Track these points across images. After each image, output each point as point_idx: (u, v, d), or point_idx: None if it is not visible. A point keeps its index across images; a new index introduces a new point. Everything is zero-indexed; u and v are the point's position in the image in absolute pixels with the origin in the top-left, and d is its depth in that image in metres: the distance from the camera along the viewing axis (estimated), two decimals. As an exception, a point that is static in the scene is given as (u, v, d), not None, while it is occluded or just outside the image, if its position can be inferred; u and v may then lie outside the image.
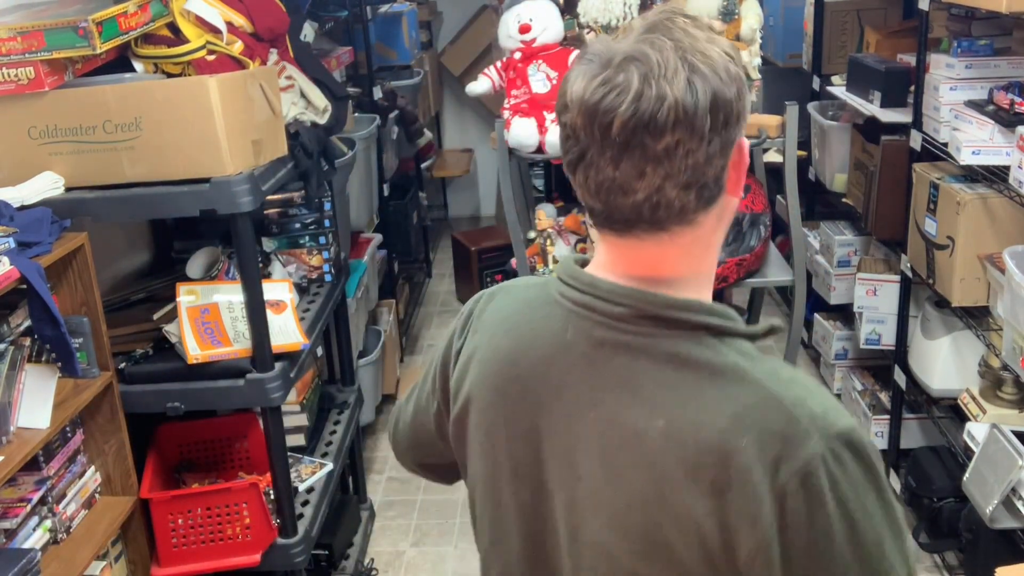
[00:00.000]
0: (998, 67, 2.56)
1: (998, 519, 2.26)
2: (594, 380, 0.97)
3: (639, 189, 0.90)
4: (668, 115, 0.86)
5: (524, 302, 1.07)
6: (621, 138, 0.88)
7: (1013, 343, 2.29)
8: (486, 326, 1.09)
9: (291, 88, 2.40)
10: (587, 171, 0.92)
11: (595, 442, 0.96)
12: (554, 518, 1.02)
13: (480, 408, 1.07)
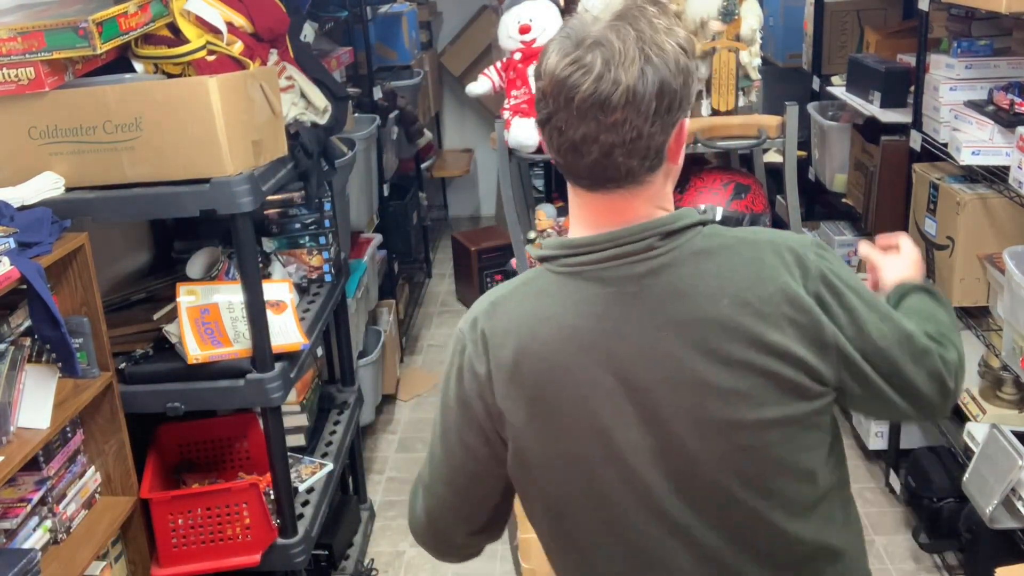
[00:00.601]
0: (998, 67, 2.56)
1: (998, 519, 2.26)
2: (653, 307, 1.11)
3: (592, 152, 1.08)
4: (620, 97, 1.05)
5: (532, 295, 1.16)
6: (580, 110, 1.06)
7: (1013, 343, 2.29)
8: (511, 334, 1.14)
9: (291, 88, 2.40)
10: (552, 131, 1.10)
11: (682, 343, 1.10)
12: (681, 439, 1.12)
13: (552, 406, 1.13)
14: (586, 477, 1.14)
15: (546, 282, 1.15)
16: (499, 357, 1.14)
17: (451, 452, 1.21)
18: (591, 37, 1.06)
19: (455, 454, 1.20)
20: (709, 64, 2.36)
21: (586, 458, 1.13)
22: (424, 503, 1.27)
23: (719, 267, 1.11)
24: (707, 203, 2.38)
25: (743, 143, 2.41)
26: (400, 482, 3.56)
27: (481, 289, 4.86)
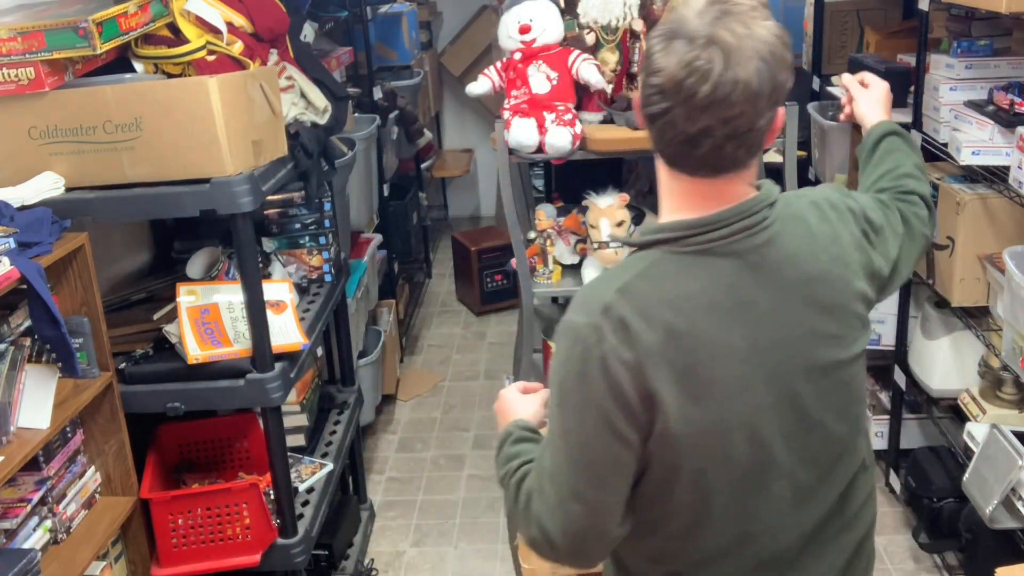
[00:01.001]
0: (998, 67, 2.55)
1: (998, 519, 2.26)
2: (773, 273, 1.22)
3: (705, 145, 1.15)
4: (739, 95, 1.12)
5: (667, 277, 1.20)
6: (699, 107, 1.12)
7: (1013, 343, 2.29)
8: (655, 316, 1.17)
9: (291, 88, 2.40)
10: (665, 126, 1.16)
11: (798, 301, 1.23)
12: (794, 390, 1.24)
13: (701, 380, 1.18)
14: (723, 443, 1.20)
15: (674, 263, 1.21)
16: (646, 340, 1.16)
17: (600, 449, 1.19)
18: (702, 35, 1.12)
19: (606, 449, 1.19)
20: None
21: (726, 425, 1.20)
22: (564, 518, 1.22)
23: (806, 230, 1.26)
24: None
25: (743, 143, 2.41)
26: (400, 482, 3.56)
27: (481, 289, 4.86)
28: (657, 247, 1.22)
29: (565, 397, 1.21)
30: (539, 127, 2.31)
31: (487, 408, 4.05)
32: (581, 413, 1.19)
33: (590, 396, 1.17)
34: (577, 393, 1.19)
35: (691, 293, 1.19)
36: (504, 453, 1.38)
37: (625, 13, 2.34)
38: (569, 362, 1.19)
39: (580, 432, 1.19)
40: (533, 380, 2.75)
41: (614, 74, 2.40)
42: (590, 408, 1.18)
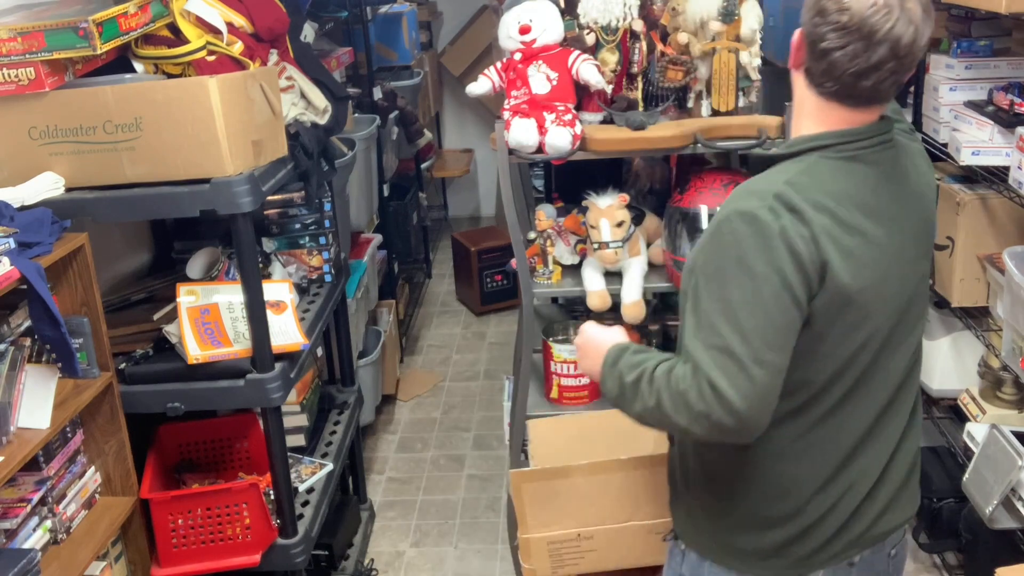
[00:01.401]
0: (998, 68, 2.56)
1: (998, 519, 2.26)
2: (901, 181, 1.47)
3: (871, 79, 1.36)
4: (912, 35, 1.32)
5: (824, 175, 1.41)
6: (878, 44, 1.32)
7: (1013, 343, 2.29)
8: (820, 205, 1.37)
9: (291, 89, 2.40)
10: (841, 58, 1.35)
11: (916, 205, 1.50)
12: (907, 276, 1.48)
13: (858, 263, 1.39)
14: (863, 315, 1.42)
15: (828, 166, 1.41)
16: (816, 221, 1.36)
17: (779, 314, 1.34)
18: None
19: (785, 314, 1.35)
20: (709, 65, 2.36)
21: (873, 299, 1.42)
22: (748, 384, 1.33)
23: (912, 158, 1.51)
24: (706, 203, 2.38)
25: (743, 143, 2.41)
26: (400, 482, 3.56)
27: (481, 289, 4.87)
28: (811, 153, 1.42)
29: (742, 271, 1.34)
30: (539, 127, 2.31)
31: (487, 408, 4.05)
32: (762, 283, 1.33)
33: (771, 266, 1.34)
34: (757, 265, 1.34)
35: (846, 191, 1.39)
36: (625, 363, 1.49)
37: (625, 13, 2.34)
38: (744, 239, 1.35)
39: (760, 301, 1.33)
40: (533, 380, 2.75)
41: (614, 74, 2.40)
42: (771, 277, 1.33)
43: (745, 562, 1.57)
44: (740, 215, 1.36)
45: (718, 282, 1.36)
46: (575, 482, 2.22)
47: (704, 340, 1.36)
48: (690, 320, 1.40)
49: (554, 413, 2.60)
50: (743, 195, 1.40)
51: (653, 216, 2.61)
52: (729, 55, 2.31)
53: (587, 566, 2.27)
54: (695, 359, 1.36)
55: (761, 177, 1.43)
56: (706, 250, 1.40)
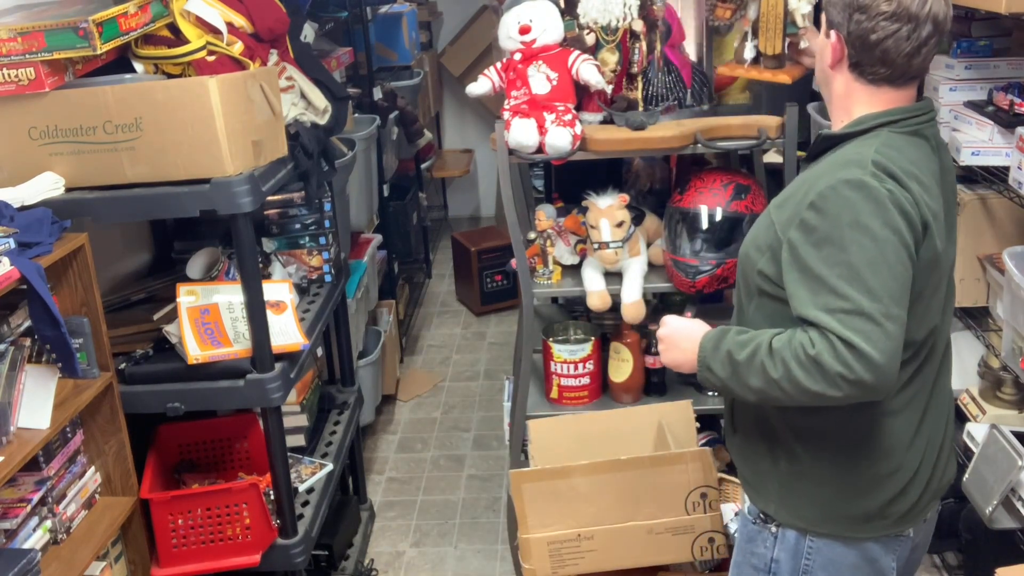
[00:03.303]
0: (998, 68, 2.55)
1: (998, 519, 2.26)
2: (943, 153, 1.61)
3: (922, 54, 1.49)
4: (948, 9, 1.48)
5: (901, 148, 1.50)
6: (923, 21, 1.45)
7: (1013, 343, 2.29)
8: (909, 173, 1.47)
9: (291, 89, 2.40)
10: (891, 46, 1.47)
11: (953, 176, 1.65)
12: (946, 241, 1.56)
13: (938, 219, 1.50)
14: (940, 272, 1.53)
15: (899, 140, 1.50)
16: (912, 186, 1.45)
17: (902, 271, 1.41)
18: None
19: (905, 271, 1.42)
20: (757, 6, 2.30)
21: (945, 259, 1.55)
22: (885, 339, 1.38)
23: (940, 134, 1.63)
24: (707, 203, 2.38)
25: (743, 143, 2.41)
26: (400, 482, 3.56)
27: (481, 289, 4.87)
28: (880, 128, 1.51)
29: (861, 232, 1.40)
30: (539, 127, 2.31)
31: (487, 408, 4.05)
32: (882, 243, 1.40)
33: (889, 226, 1.40)
34: (874, 226, 1.40)
35: (919, 161, 1.50)
36: (731, 343, 1.52)
37: (625, 13, 2.34)
38: (857, 203, 1.41)
39: (883, 259, 1.39)
40: (533, 380, 2.75)
41: (614, 74, 2.40)
42: (890, 237, 1.40)
43: (852, 527, 1.60)
44: (847, 183, 1.42)
45: (834, 247, 1.41)
46: (575, 482, 2.22)
47: (827, 304, 1.40)
48: (801, 291, 1.44)
49: (554, 413, 2.60)
50: (841, 166, 1.46)
51: (653, 216, 2.61)
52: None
53: (587, 566, 2.27)
54: (823, 323, 1.39)
55: (847, 151, 1.49)
56: (808, 221, 1.44)
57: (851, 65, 1.52)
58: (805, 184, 1.50)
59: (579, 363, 2.62)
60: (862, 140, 1.52)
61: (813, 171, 1.53)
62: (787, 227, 1.48)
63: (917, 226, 1.44)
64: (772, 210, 1.56)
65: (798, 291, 1.45)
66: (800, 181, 1.54)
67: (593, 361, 2.63)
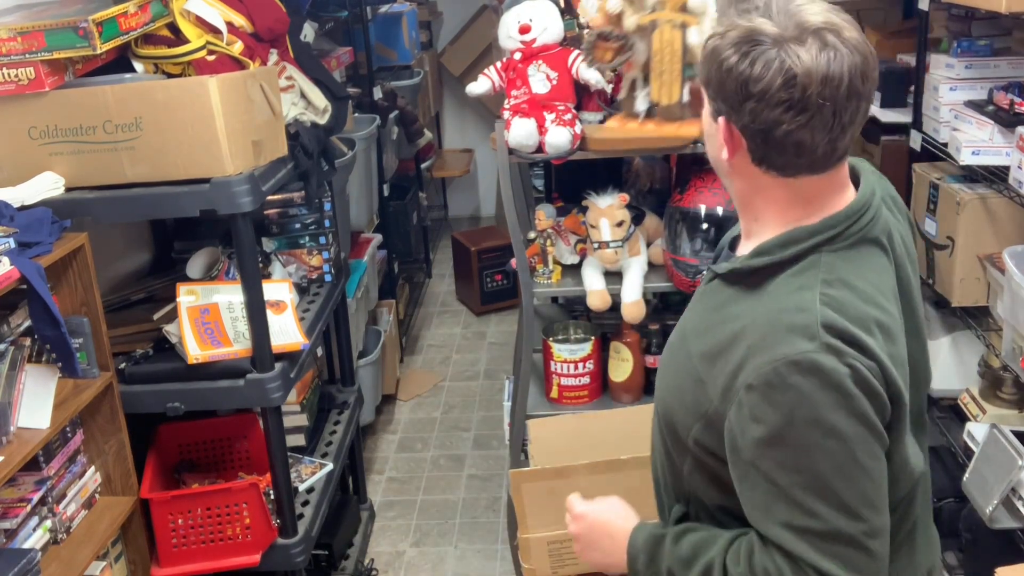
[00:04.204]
0: (998, 67, 2.55)
1: (998, 519, 2.26)
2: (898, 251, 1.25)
3: (849, 129, 1.13)
4: (863, 69, 1.10)
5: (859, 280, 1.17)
6: (845, 97, 1.09)
7: (1013, 343, 2.29)
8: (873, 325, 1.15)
9: (291, 88, 2.40)
10: (808, 138, 1.11)
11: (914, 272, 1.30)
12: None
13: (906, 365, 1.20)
14: (905, 413, 1.19)
15: (841, 260, 1.17)
16: (874, 345, 1.12)
17: (877, 469, 1.13)
18: (812, 22, 1.08)
19: (880, 466, 1.13)
20: (648, 43, 1.87)
21: (909, 396, 1.19)
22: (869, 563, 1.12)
23: (893, 215, 1.28)
24: (707, 203, 2.38)
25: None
26: (400, 482, 3.56)
27: (481, 289, 4.86)
28: (813, 253, 1.16)
29: (823, 434, 1.09)
30: (539, 127, 2.31)
31: (487, 408, 4.05)
32: (851, 443, 1.10)
33: (855, 418, 1.10)
34: (839, 423, 1.09)
35: (875, 285, 1.17)
36: (671, 557, 1.24)
37: (625, 13, 2.34)
38: (812, 396, 1.08)
39: (855, 464, 1.10)
40: (533, 380, 2.75)
41: (614, 74, 2.40)
42: (859, 431, 1.10)
43: None
44: (795, 367, 1.08)
45: (792, 452, 1.10)
46: (575, 482, 2.22)
47: (791, 521, 1.11)
48: (755, 496, 1.14)
49: (554, 413, 2.60)
50: (780, 336, 1.10)
51: (653, 216, 2.61)
52: (673, 31, 1.77)
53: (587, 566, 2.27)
54: (789, 548, 1.11)
55: (781, 301, 1.14)
56: (753, 410, 1.11)
57: (754, 160, 1.16)
58: (732, 327, 1.16)
59: (579, 363, 2.62)
60: (795, 279, 1.15)
61: (739, 309, 1.18)
62: (723, 400, 1.15)
63: (884, 400, 1.12)
64: (695, 357, 1.21)
65: (751, 495, 1.15)
66: (722, 315, 1.20)
67: (593, 361, 2.63)
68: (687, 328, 1.27)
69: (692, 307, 1.31)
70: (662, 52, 1.77)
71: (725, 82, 1.11)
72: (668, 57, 1.76)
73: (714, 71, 1.12)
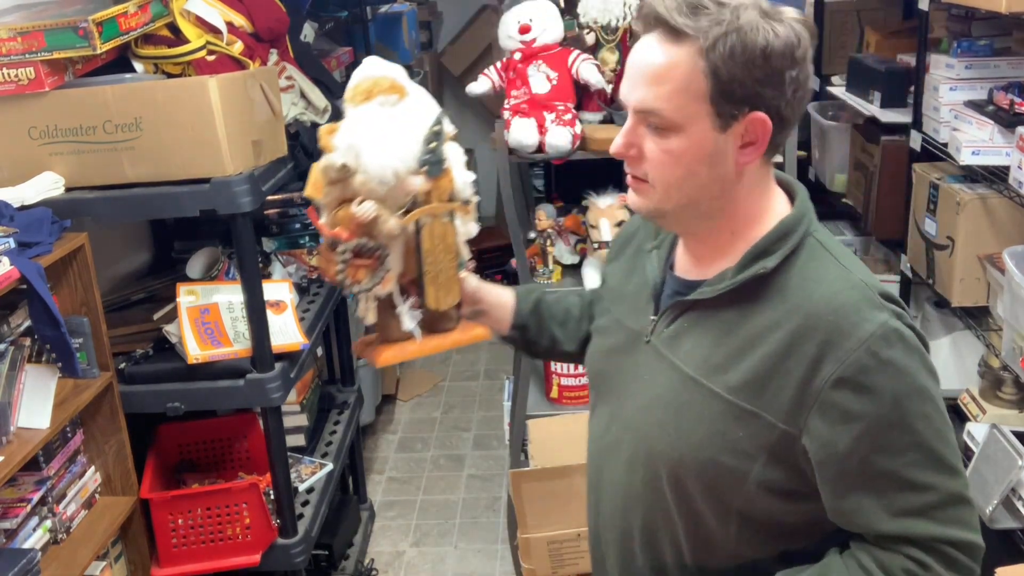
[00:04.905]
0: (998, 67, 2.55)
1: (998, 519, 2.26)
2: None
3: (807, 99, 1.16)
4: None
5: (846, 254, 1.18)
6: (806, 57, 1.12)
7: (1013, 343, 2.29)
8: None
9: (291, 88, 2.40)
10: (808, 94, 1.13)
11: None
12: None
13: None
14: None
15: (829, 237, 1.18)
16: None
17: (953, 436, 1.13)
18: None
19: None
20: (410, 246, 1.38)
21: None
22: (975, 515, 1.12)
23: None
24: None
25: (743, 143, 2.41)
26: (400, 482, 3.56)
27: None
28: (808, 237, 1.16)
29: (922, 400, 1.08)
30: (539, 127, 2.31)
31: (487, 408, 4.05)
32: (937, 400, 1.10)
33: (931, 373, 1.10)
34: (929, 384, 1.09)
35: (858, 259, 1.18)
36: None
37: (625, 13, 2.34)
38: (906, 365, 1.07)
39: (944, 421, 1.10)
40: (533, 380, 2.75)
41: (614, 74, 2.40)
42: (936, 386, 1.10)
43: None
44: (883, 340, 1.06)
45: (900, 431, 1.07)
46: (575, 482, 2.22)
47: (909, 507, 1.09)
48: (864, 501, 1.09)
49: (554, 413, 2.60)
50: (853, 317, 1.07)
51: (653, 216, 2.61)
52: (445, 225, 1.39)
53: (587, 566, 2.27)
54: (916, 534, 1.09)
55: (826, 286, 1.11)
56: (854, 410, 1.07)
57: (770, 147, 1.13)
58: (773, 340, 1.11)
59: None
60: (810, 260, 1.14)
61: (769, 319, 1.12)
62: (795, 416, 1.09)
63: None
64: (730, 392, 1.13)
65: (861, 501, 1.09)
66: (745, 336, 1.13)
67: (593, 361, 2.63)
68: (693, 370, 1.17)
69: (677, 347, 1.20)
70: (435, 251, 1.41)
71: (766, 63, 1.07)
72: (442, 255, 1.42)
73: (743, 62, 1.07)
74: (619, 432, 1.27)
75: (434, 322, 1.43)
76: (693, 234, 1.22)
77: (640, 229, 1.38)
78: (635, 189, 1.18)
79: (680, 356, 1.19)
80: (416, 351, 1.44)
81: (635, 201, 1.19)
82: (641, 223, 1.38)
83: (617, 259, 1.41)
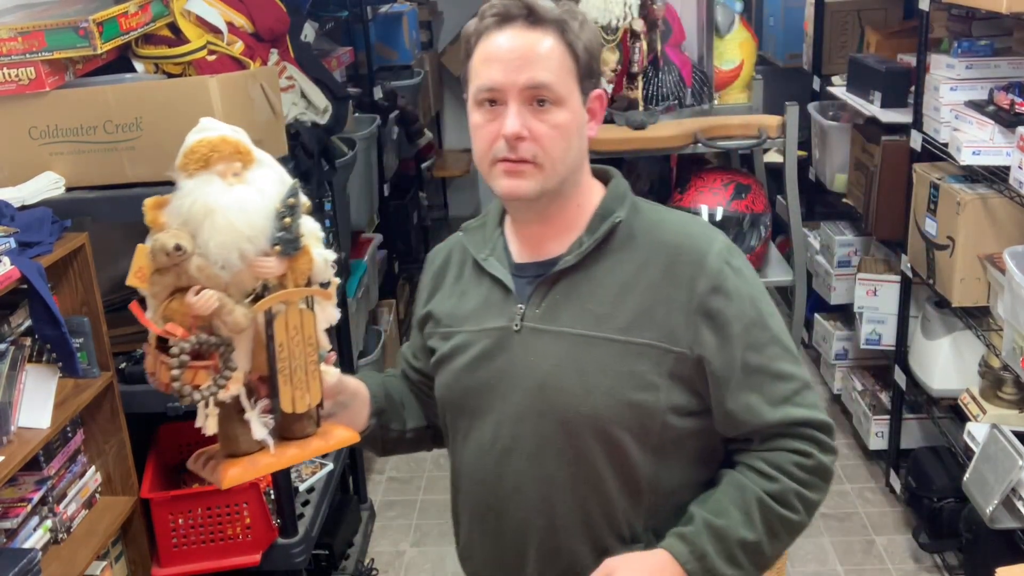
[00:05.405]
0: (998, 67, 2.55)
1: (998, 519, 2.26)
2: None
3: None
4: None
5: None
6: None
7: (1013, 343, 2.29)
8: None
9: (292, 88, 2.40)
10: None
11: None
12: None
13: None
14: None
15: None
16: None
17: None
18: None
19: None
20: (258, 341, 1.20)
21: None
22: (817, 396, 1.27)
23: None
24: (707, 203, 2.38)
25: (743, 143, 2.41)
26: (400, 482, 3.56)
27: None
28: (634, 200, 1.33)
29: (765, 297, 1.26)
30: (539, 127, 2.31)
31: (487, 408, 4.04)
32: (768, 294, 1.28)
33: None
34: (761, 283, 1.29)
35: None
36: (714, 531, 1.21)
37: (625, 13, 2.34)
38: (749, 268, 1.27)
39: (779, 313, 1.27)
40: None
41: (614, 74, 2.40)
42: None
43: None
44: (729, 250, 1.25)
45: (763, 326, 1.23)
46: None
47: (781, 396, 1.22)
48: (748, 398, 1.21)
49: (554, 413, 2.60)
50: (702, 240, 1.25)
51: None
52: (304, 313, 1.21)
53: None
54: (791, 420, 1.21)
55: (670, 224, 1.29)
56: (729, 312, 1.21)
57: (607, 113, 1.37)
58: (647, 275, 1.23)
59: (579, 363, 2.61)
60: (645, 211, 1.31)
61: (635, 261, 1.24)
62: (686, 334, 1.20)
63: None
64: (621, 332, 1.22)
65: (746, 400, 1.21)
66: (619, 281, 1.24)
67: (593, 361, 2.63)
68: (582, 328, 1.24)
69: (556, 318, 1.26)
70: (290, 345, 1.19)
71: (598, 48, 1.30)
72: (299, 349, 1.20)
73: (592, 46, 1.27)
74: (513, 430, 1.27)
75: (290, 426, 1.21)
76: (547, 216, 1.29)
77: (452, 254, 1.44)
78: (520, 173, 1.25)
79: (563, 323, 1.26)
80: (270, 464, 1.20)
81: (519, 185, 1.25)
82: (449, 250, 1.45)
83: (439, 291, 1.45)
